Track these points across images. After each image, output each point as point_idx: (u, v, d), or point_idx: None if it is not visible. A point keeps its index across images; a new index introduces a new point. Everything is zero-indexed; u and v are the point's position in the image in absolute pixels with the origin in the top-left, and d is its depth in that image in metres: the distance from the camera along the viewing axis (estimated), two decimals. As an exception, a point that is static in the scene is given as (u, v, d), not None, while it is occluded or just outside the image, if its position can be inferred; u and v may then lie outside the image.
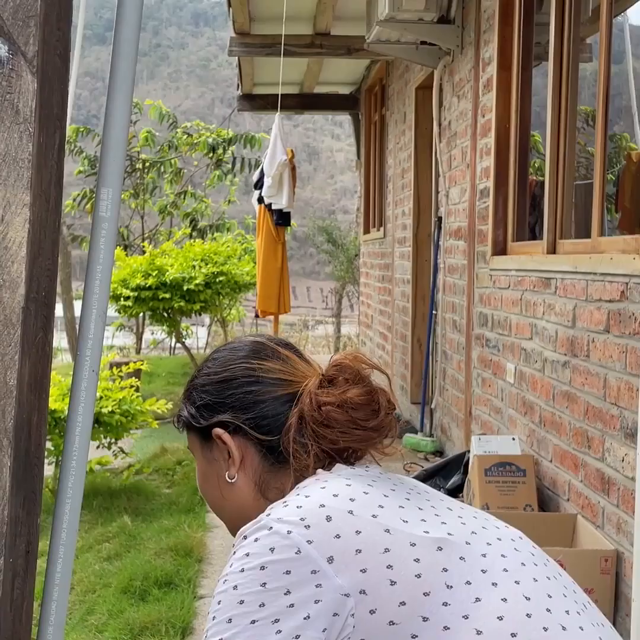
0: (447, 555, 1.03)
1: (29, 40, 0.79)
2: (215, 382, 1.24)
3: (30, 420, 0.84)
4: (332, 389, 1.17)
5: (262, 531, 1.03)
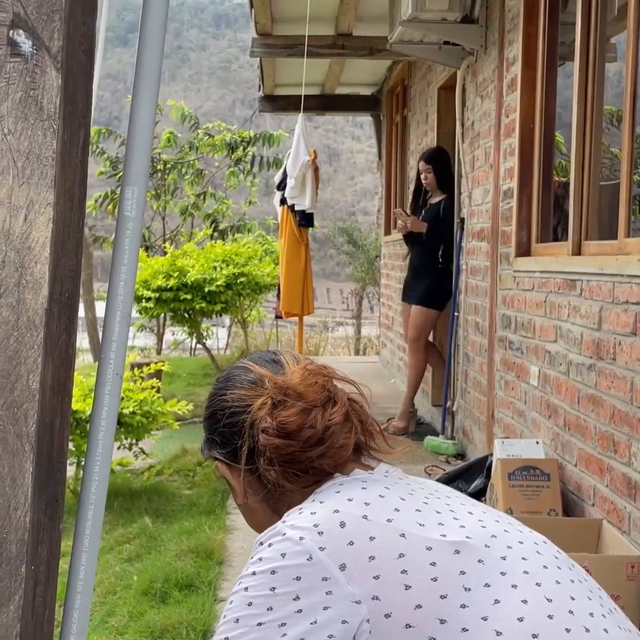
0: (464, 558, 1.02)
1: (54, 35, 0.77)
2: (205, 418, 1.28)
3: (53, 424, 0.82)
4: (273, 413, 1.15)
5: (276, 537, 1.04)
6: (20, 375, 0.78)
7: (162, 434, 5.68)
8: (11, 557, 0.78)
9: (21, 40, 0.77)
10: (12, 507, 0.78)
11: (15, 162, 0.78)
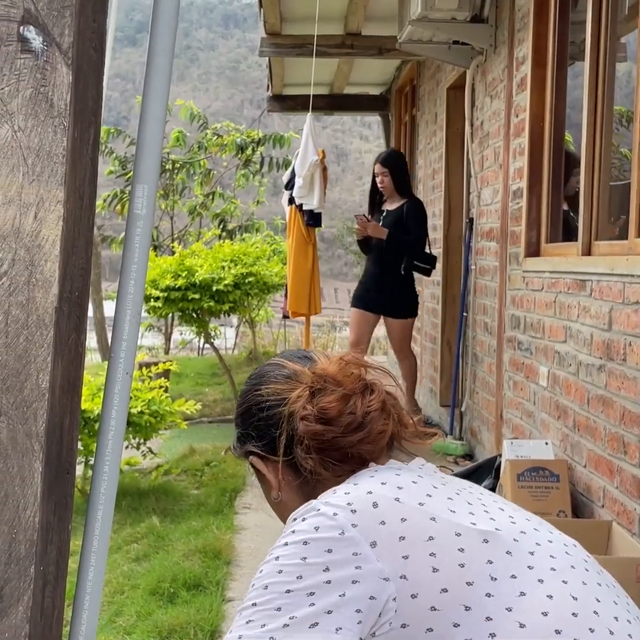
0: (492, 548, 1.03)
1: (64, 31, 0.76)
2: (239, 415, 1.30)
3: (63, 424, 0.82)
4: (312, 401, 1.19)
5: (310, 512, 1.06)
6: (30, 374, 0.78)
7: (170, 433, 5.68)
8: (20, 558, 0.77)
9: (31, 36, 0.76)
10: (22, 507, 0.77)
11: (26, 160, 0.77)
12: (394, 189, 5.75)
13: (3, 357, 0.77)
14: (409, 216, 5.69)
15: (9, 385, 0.77)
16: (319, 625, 0.95)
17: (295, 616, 0.96)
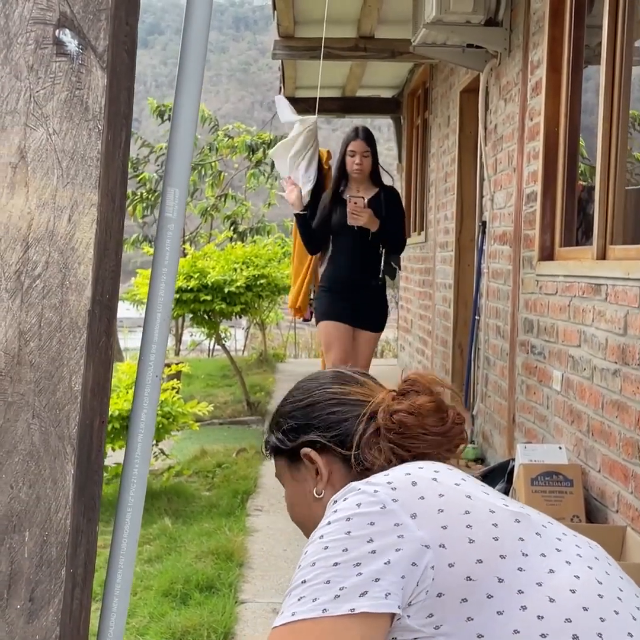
0: (524, 528, 1.08)
1: (100, 35, 0.77)
2: (301, 407, 1.34)
3: (93, 426, 0.82)
4: (403, 400, 1.27)
5: (351, 492, 1.10)
6: (63, 377, 0.78)
7: (181, 434, 5.68)
8: (52, 560, 0.77)
9: (67, 39, 0.76)
10: (53, 509, 0.77)
11: (60, 163, 0.77)
12: (369, 174, 4.93)
13: (36, 359, 0.77)
14: (389, 207, 4.92)
15: (42, 388, 0.77)
16: (368, 593, 0.99)
17: (344, 586, 0.99)
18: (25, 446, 0.78)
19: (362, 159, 4.83)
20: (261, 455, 5.54)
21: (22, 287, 0.78)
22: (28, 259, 0.78)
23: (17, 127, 0.77)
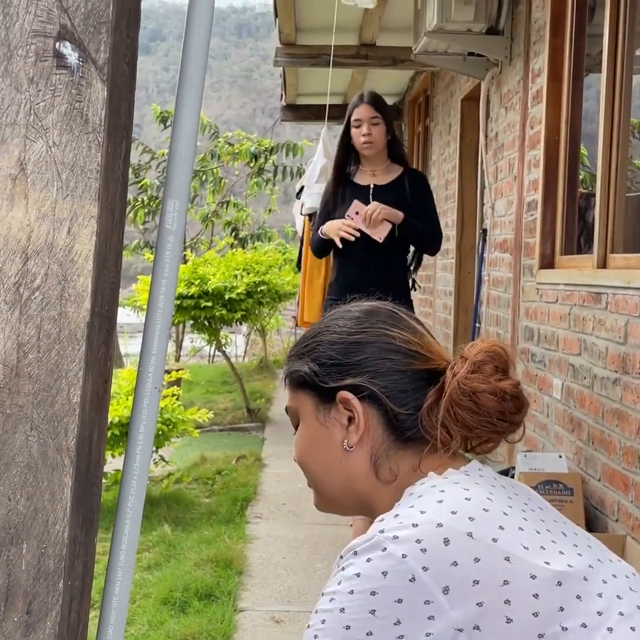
0: (565, 593, 0.97)
1: (100, 47, 0.77)
2: (349, 343, 1.14)
3: (91, 438, 0.82)
4: (484, 376, 1.08)
5: (375, 551, 0.96)
6: (61, 389, 0.78)
7: (181, 441, 5.68)
8: (49, 573, 0.77)
9: (67, 52, 0.77)
10: (51, 522, 0.77)
11: (60, 175, 0.78)
12: (385, 150, 3.77)
13: (35, 371, 0.77)
14: (416, 195, 3.77)
15: (41, 400, 0.77)
16: None
17: None
18: (24, 458, 0.77)
19: (371, 128, 3.66)
20: (260, 463, 5.53)
21: (21, 299, 0.78)
22: (27, 271, 0.78)
23: (17, 139, 0.77)
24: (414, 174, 3.93)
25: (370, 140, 3.70)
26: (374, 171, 3.81)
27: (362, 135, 3.70)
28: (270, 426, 6.93)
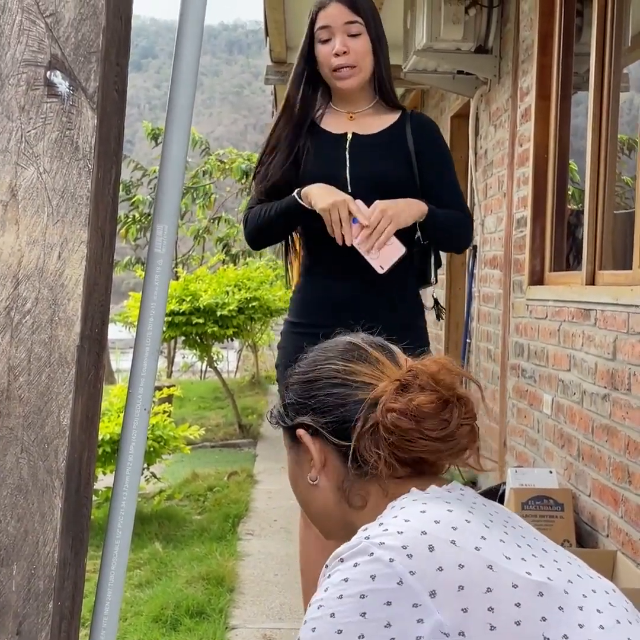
0: (547, 603, 0.98)
1: (90, 77, 0.78)
2: (302, 382, 1.20)
3: (81, 459, 0.83)
4: (403, 395, 1.10)
5: (362, 556, 0.98)
6: (52, 412, 0.79)
7: (172, 458, 5.67)
8: (39, 593, 0.78)
9: (58, 81, 0.78)
10: (41, 543, 0.78)
11: (50, 201, 0.79)
12: (372, 81, 2.44)
13: (25, 394, 0.79)
14: (428, 152, 2.43)
15: (31, 422, 0.79)
16: None
17: None
18: (14, 480, 0.78)
19: (347, 41, 2.33)
20: (252, 479, 5.53)
21: (11, 322, 0.79)
22: (18, 295, 0.79)
23: (9, 166, 0.79)
24: (419, 120, 2.50)
25: (346, 62, 2.34)
26: (351, 113, 2.44)
27: (334, 54, 2.33)
28: (262, 442, 6.92)
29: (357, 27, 2.34)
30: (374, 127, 2.43)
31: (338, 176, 2.35)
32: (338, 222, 2.24)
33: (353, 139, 2.40)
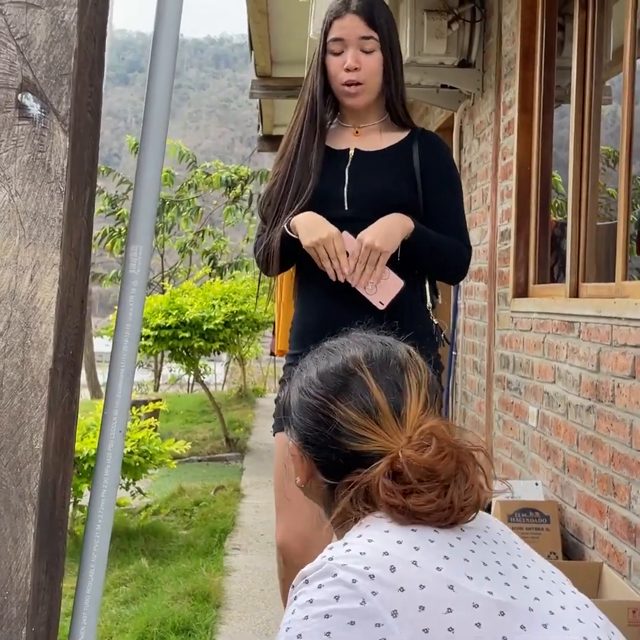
0: (508, 622, 0.99)
1: (62, 99, 0.78)
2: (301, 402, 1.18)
3: (55, 483, 0.82)
4: (397, 480, 1.08)
5: (326, 578, 1.00)
6: (24, 436, 0.78)
7: (159, 472, 5.65)
8: (12, 620, 0.77)
9: (30, 103, 0.78)
10: (14, 568, 0.77)
11: (22, 224, 0.79)
12: (383, 97, 2.32)
13: (-3, 418, 0.78)
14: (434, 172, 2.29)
15: (3, 446, 0.78)
16: None
17: None
18: (-14, 505, 0.78)
19: (360, 56, 2.23)
20: (239, 493, 5.51)
21: (-16, 346, 0.78)
22: (-10, 318, 0.78)
23: (-20, 188, 0.78)
24: (428, 139, 2.36)
25: (356, 79, 2.23)
26: (357, 128, 2.34)
27: (345, 69, 2.22)
28: (249, 456, 6.90)
29: (371, 43, 2.22)
30: (379, 144, 2.31)
31: (335, 193, 2.25)
32: (327, 258, 2.14)
33: (355, 155, 2.29)
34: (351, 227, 2.19)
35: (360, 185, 2.25)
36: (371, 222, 2.17)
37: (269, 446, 6.92)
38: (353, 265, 2.15)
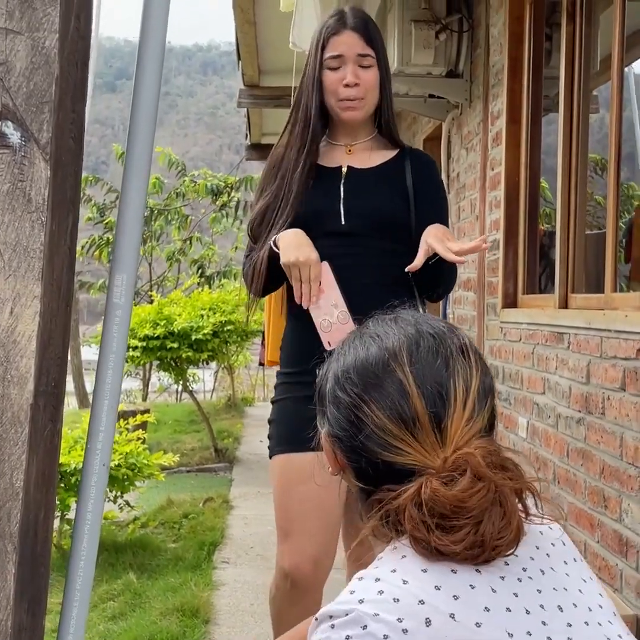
0: None
1: (43, 127, 0.76)
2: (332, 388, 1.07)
3: (37, 519, 0.80)
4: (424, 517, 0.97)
5: (355, 629, 0.92)
6: (4, 473, 0.76)
7: (147, 484, 5.60)
8: (-8, 663, 0.75)
9: (9, 131, 0.76)
10: (-6, 611, 0.75)
11: (2, 255, 0.76)
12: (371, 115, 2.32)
13: (-24, 455, 0.76)
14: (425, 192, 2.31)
15: (-17, 485, 0.76)
16: None
17: None
18: (-35, 544, 0.75)
19: (358, 72, 2.22)
20: (228, 505, 5.47)
21: (-38, 380, 0.76)
22: (-31, 352, 0.76)
23: (-41, 218, 0.76)
24: (419, 158, 2.38)
25: (356, 95, 2.22)
26: (349, 146, 2.33)
27: (345, 84, 2.21)
28: (238, 466, 6.87)
29: (369, 60, 2.22)
30: (371, 161, 2.32)
31: (331, 209, 2.24)
32: (298, 280, 2.13)
33: (349, 172, 2.28)
34: (348, 242, 2.21)
35: (356, 200, 2.26)
36: (368, 237, 2.21)
37: (258, 456, 6.88)
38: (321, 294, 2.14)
